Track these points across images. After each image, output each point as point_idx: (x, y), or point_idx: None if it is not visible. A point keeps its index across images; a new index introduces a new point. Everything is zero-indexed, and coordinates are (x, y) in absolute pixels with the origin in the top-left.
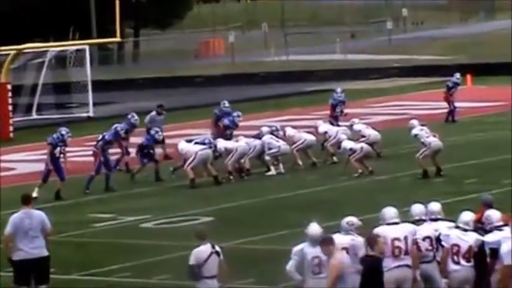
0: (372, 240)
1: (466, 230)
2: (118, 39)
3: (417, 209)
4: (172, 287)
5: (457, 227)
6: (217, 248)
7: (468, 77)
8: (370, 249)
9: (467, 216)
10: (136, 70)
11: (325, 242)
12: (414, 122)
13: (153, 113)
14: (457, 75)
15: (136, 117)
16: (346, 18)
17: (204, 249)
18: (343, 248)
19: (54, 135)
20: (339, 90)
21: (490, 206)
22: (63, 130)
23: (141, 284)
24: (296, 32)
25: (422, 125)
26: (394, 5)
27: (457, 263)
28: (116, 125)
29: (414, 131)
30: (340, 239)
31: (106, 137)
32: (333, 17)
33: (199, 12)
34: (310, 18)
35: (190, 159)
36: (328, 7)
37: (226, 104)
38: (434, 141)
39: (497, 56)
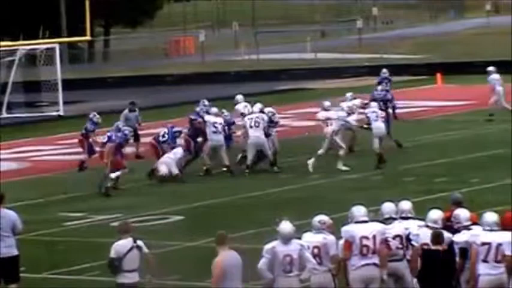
0: (436, 235)
1: (435, 229)
2: (88, 37)
3: (388, 207)
4: (142, 285)
5: (427, 226)
6: (139, 243)
7: (438, 75)
8: (432, 243)
9: (436, 214)
10: (106, 69)
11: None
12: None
13: (126, 110)
14: (384, 70)
15: (97, 115)
16: (317, 17)
17: (125, 243)
18: (315, 247)
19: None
20: (379, 88)
21: (459, 204)
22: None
23: (110, 282)
24: (266, 31)
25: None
26: (364, 4)
27: None
28: (124, 129)
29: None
30: (311, 238)
31: (117, 140)
32: (304, 16)
33: (169, 11)
34: (280, 17)
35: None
36: (298, 6)
37: (206, 103)
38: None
39: (467, 54)
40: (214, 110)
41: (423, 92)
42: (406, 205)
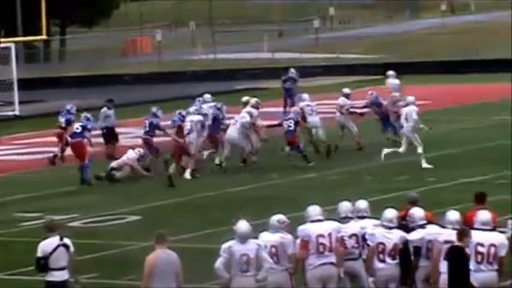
0: (463, 233)
1: (390, 228)
2: (44, 37)
3: (344, 206)
4: (99, 285)
5: (382, 225)
6: (66, 241)
7: None
8: (458, 240)
9: (391, 213)
10: (62, 68)
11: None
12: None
13: (105, 108)
14: (291, 69)
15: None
16: (274, 17)
17: (51, 241)
18: (273, 246)
19: (175, 117)
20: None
21: (415, 203)
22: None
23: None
24: (223, 31)
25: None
26: (321, 4)
27: (383, 261)
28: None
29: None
30: (269, 237)
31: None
32: (260, 16)
33: (126, 10)
34: (237, 17)
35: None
36: (255, 5)
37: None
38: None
39: (422, 54)
40: (192, 109)
41: (379, 92)
42: (362, 204)
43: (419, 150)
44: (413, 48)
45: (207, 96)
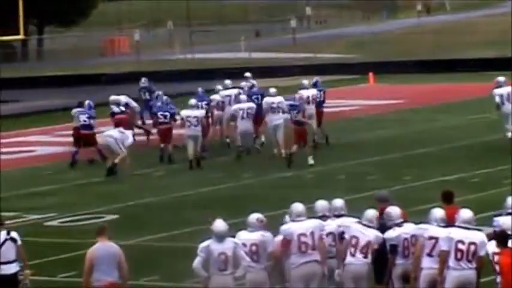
0: (502, 235)
1: (368, 227)
2: (21, 36)
3: (321, 205)
4: (76, 284)
5: (361, 223)
6: (13, 234)
7: (370, 75)
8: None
9: (371, 213)
10: (40, 68)
11: None
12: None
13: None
14: (142, 79)
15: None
16: (251, 17)
17: None
18: (253, 245)
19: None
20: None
21: (383, 201)
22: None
23: (44, 281)
24: (201, 30)
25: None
26: (297, 4)
27: (353, 255)
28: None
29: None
30: (248, 236)
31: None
32: (238, 16)
33: (104, 10)
34: (215, 17)
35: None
36: (232, 6)
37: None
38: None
39: (398, 54)
40: (192, 101)
41: (355, 91)
42: (338, 203)
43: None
44: (389, 48)
45: (228, 82)
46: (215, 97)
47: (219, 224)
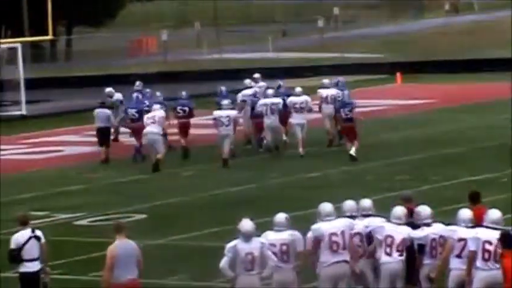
0: (507, 236)
1: (399, 225)
2: (50, 37)
3: (348, 205)
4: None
5: (391, 222)
6: (38, 233)
7: (398, 75)
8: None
9: (399, 211)
10: (69, 68)
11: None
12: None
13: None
14: (137, 82)
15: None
16: (278, 17)
17: (23, 233)
18: (283, 244)
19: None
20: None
21: (407, 201)
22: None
23: (74, 280)
24: (228, 31)
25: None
26: (325, 4)
27: (389, 254)
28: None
29: None
30: (277, 236)
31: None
32: (265, 16)
33: (131, 11)
34: (242, 17)
35: None
36: (259, 5)
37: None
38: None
39: (426, 54)
40: (225, 101)
41: (383, 91)
42: (367, 203)
43: None
44: (416, 47)
45: (248, 81)
46: (239, 96)
47: (246, 224)
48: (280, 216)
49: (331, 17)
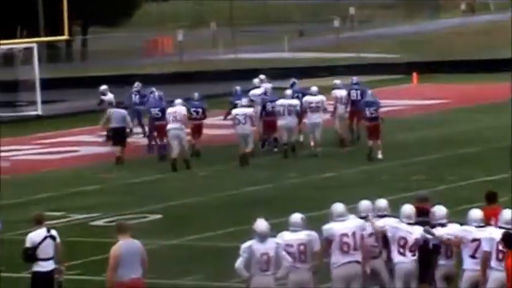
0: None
1: (410, 224)
2: (66, 37)
3: (364, 205)
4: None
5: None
6: (53, 232)
7: (414, 75)
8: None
9: (408, 210)
10: (84, 68)
11: None
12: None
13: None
14: (136, 83)
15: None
16: (294, 17)
17: (39, 233)
18: (301, 244)
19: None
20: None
21: (423, 201)
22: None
23: (90, 281)
24: (244, 31)
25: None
26: (341, 4)
27: (403, 254)
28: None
29: None
30: (294, 236)
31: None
32: (281, 16)
33: (147, 11)
34: (258, 17)
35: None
36: (275, 6)
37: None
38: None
39: (442, 54)
40: (244, 100)
41: (399, 91)
42: (382, 203)
43: None
44: (433, 47)
45: (257, 80)
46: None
47: (261, 224)
48: (296, 217)
49: (347, 17)
